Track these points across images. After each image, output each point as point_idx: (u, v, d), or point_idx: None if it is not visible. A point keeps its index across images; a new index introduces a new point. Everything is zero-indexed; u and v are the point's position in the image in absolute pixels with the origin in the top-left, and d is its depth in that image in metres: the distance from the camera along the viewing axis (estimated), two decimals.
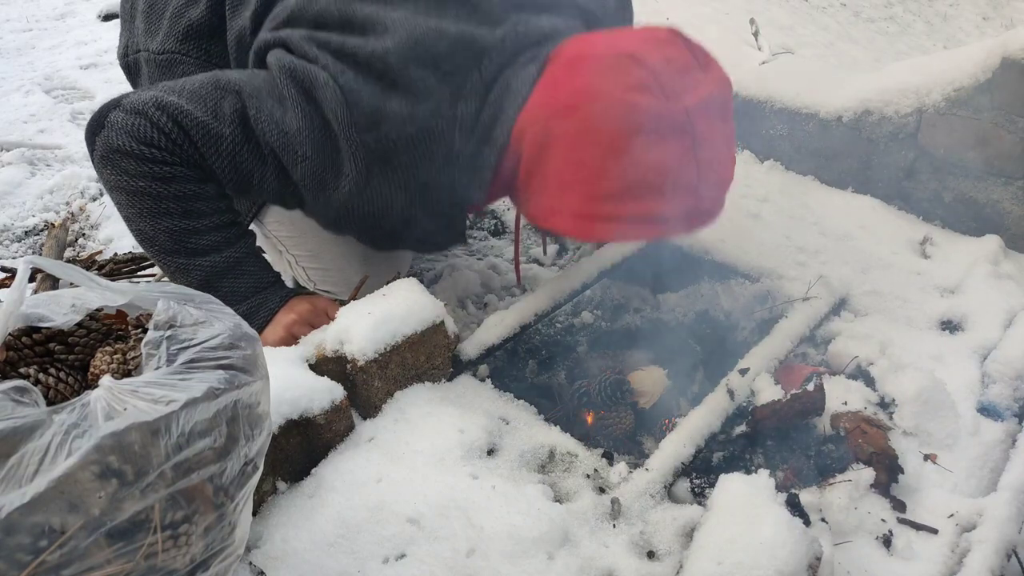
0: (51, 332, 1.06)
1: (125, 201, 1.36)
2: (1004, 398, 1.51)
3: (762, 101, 2.28)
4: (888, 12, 5.49)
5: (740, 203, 2.05)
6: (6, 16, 4.08)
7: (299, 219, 1.60)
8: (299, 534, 1.11)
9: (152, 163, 1.32)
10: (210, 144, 1.33)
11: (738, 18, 4.42)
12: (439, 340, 1.40)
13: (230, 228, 1.43)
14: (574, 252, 2.27)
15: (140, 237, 1.40)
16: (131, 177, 1.32)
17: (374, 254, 1.78)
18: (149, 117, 1.31)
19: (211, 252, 1.39)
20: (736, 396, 1.44)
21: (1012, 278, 1.85)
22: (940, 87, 1.96)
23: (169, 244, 1.37)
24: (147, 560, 0.73)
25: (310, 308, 1.47)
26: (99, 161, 1.36)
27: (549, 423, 1.38)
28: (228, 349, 0.83)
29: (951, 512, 1.28)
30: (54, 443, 0.69)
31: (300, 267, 1.82)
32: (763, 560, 1.00)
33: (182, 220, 1.36)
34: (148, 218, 1.35)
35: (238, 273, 1.43)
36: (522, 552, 1.09)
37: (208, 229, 1.39)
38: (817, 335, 1.67)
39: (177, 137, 1.32)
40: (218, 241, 1.40)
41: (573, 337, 1.84)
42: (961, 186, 2.01)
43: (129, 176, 1.32)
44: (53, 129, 2.98)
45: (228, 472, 0.80)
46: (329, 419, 1.22)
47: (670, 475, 1.27)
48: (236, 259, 1.43)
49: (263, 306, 1.45)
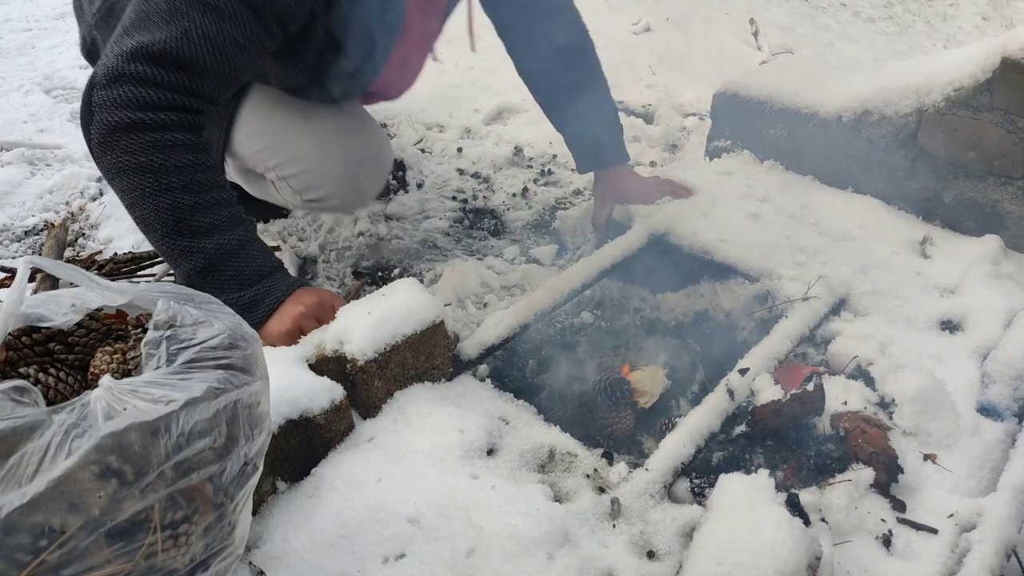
0: (51, 332, 1.06)
1: (127, 185, 1.37)
2: (1004, 398, 1.51)
3: (762, 101, 2.28)
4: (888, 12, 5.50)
5: (740, 203, 2.05)
6: (6, 16, 4.08)
7: (269, 120, 1.68)
8: (299, 534, 1.11)
9: (149, 131, 1.34)
10: (189, 56, 1.36)
11: (738, 18, 4.42)
12: (439, 340, 1.40)
13: (231, 207, 1.44)
14: (574, 252, 2.28)
15: (143, 225, 1.41)
16: (131, 154, 1.35)
17: (347, 136, 1.86)
18: (129, 75, 1.34)
19: (213, 232, 1.40)
20: (736, 396, 1.44)
21: (1012, 278, 1.85)
22: (940, 87, 1.96)
23: (172, 224, 1.38)
24: (147, 560, 0.73)
25: (317, 302, 1.46)
26: (98, 148, 1.37)
27: (549, 423, 1.38)
28: (228, 349, 0.83)
29: (951, 512, 1.28)
30: (54, 443, 0.69)
31: (283, 182, 1.85)
32: (763, 560, 1.00)
33: (183, 195, 1.37)
34: (151, 197, 1.36)
35: (241, 258, 1.43)
36: (522, 552, 1.09)
37: (209, 206, 1.40)
38: (817, 335, 1.67)
39: (161, 77, 1.34)
40: (219, 221, 1.41)
41: (573, 337, 1.84)
42: (961, 186, 2.01)
43: (130, 154, 1.35)
44: (53, 129, 2.98)
45: (228, 472, 0.80)
46: (329, 419, 1.22)
47: (670, 475, 1.27)
48: (239, 242, 1.43)
49: (268, 295, 1.45)
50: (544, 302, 1.64)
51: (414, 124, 3.05)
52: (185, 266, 1.41)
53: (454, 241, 2.41)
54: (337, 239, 2.33)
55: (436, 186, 2.68)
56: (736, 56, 3.98)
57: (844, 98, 2.14)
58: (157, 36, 1.35)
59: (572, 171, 2.77)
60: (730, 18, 4.41)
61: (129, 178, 1.37)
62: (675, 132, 3.14)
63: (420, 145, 2.94)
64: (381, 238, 2.34)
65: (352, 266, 2.24)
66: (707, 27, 4.27)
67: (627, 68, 3.65)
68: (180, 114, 1.38)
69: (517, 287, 2.13)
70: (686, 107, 3.36)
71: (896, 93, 2.05)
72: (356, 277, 2.20)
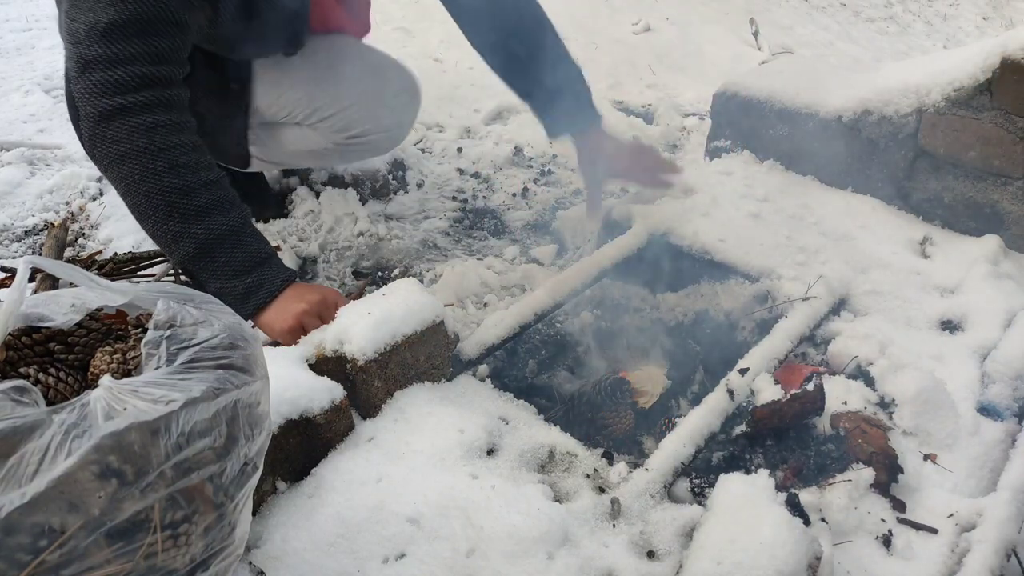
0: (51, 332, 1.06)
1: (119, 174, 1.40)
2: (1004, 398, 1.51)
3: (762, 101, 2.28)
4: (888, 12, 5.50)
5: (740, 203, 2.05)
6: (6, 16, 4.07)
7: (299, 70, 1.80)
8: (299, 534, 1.11)
9: (130, 115, 1.37)
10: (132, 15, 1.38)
11: (738, 18, 4.42)
12: (439, 340, 1.40)
13: (221, 190, 1.45)
14: (574, 252, 2.28)
15: (138, 213, 1.43)
16: (118, 143, 1.38)
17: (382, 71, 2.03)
18: (93, 60, 1.37)
19: (204, 216, 1.41)
20: (736, 396, 1.44)
21: (1012, 278, 1.85)
22: (940, 87, 1.96)
23: (163, 209, 1.39)
24: (147, 560, 0.73)
25: (320, 299, 1.46)
26: (89, 142, 1.41)
27: (549, 423, 1.38)
28: (228, 349, 0.83)
29: (951, 512, 1.28)
30: (54, 443, 0.69)
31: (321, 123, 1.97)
32: (763, 560, 1.00)
33: (170, 178, 1.39)
34: (140, 183, 1.39)
35: (234, 243, 1.44)
36: (522, 552, 1.09)
37: (199, 187, 1.41)
38: (817, 335, 1.67)
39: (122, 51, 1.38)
40: (209, 203, 1.42)
41: (573, 337, 1.84)
42: (961, 186, 2.01)
43: (116, 142, 1.38)
44: (53, 129, 2.98)
45: (228, 472, 0.80)
46: (329, 419, 1.22)
47: (670, 475, 1.27)
48: (230, 228, 1.44)
49: (263, 286, 1.45)
50: (544, 302, 1.64)
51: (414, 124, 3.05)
52: (179, 252, 1.42)
53: (454, 241, 2.41)
54: (337, 239, 2.32)
55: (436, 186, 2.68)
56: (736, 56, 3.98)
57: (844, 98, 2.14)
58: (97, 9, 1.37)
59: (572, 171, 2.77)
60: (730, 18, 4.41)
61: (119, 167, 1.39)
62: (675, 132, 3.14)
63: (420, 145, 2.94)
64: (381, 238, 2.34)
65: (352, 266, 2.24)
66: (707, 27, 4.27)
67: (627, 68, 3.65)
68: (155, 91, 1.40)
69: (517, 287, 2.12)
70: (686, 107, 3.36)
71: (896, 93, 2.05)
72: (357, 277, 2.20)
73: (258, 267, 1.46)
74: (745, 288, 1.82)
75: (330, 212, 2.36)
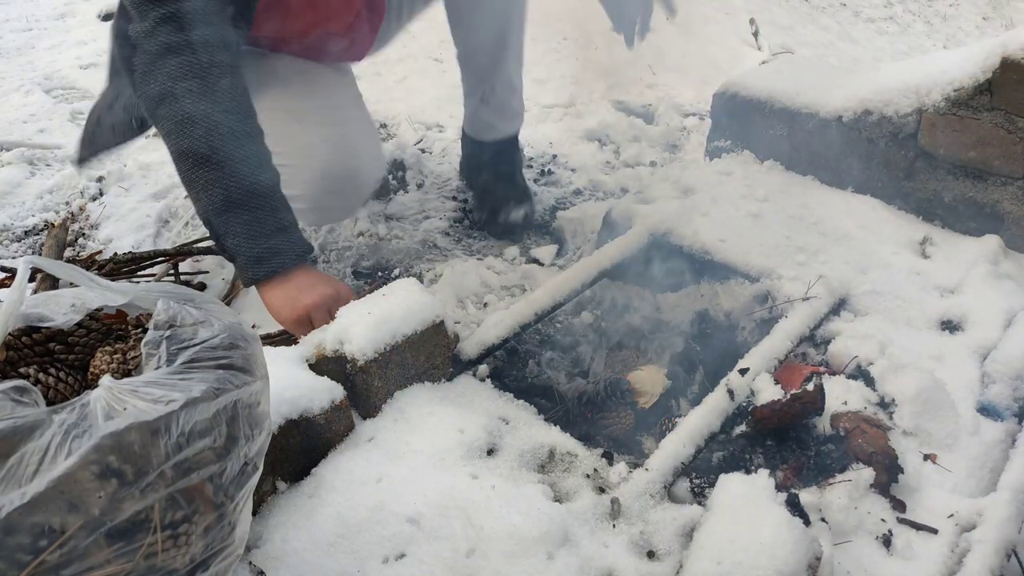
0: (51, 332, 1.06)
1: (168, 112, 1.39)
2: (1004, 398, 1.51)
3: (762, 101, 2.28)
4: (888, 12, 5.50)
5: (740, 203, 2.05)
6: (6, 16, 4.07)
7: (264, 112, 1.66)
8: (299, 534, 1.11)
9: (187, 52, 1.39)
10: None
11: (738, 18, 4.42)
12: (439, 340, 1.40)
13: (262, 144, 1.45)
14: (574, 252, 2.28)
15: (177, 153, 1.41)
16: (173, 80, 1.38)
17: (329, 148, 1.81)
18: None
19: (242, 165, 1.39)
20: (736, 396, 1.44)
21: (1012, 278, 1.85)
22: (940, 87, 1.96)
23: (203, 151, 1.37)
24: (147, 560, 0.73)
25: (334, 294, 1.43)
26: (142, 78, 1.41)
27: (549, 423, 1.38)
28: (228, 349, 0.83)
29: (951, 512, 1.28)
30: (54, 443, 0.69)
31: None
32: (763, 560, 1.00)
33: (220, 116, 1.39)
34: (188, 125, 1.37)
35: (261, 203, 1.41)
36: (522, 552, 1.09)
37: (243, 136, 1.41)
38: (817, 335, 1.67)
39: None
40: (251, 155, 1.41)
41: (573, 337, 1.84)
42: (961, 186, 2.01)
43: (172, 80, 1.38)
44: (53, 129, 2.98)
45: (228, 472, 0.80)
46: (329, 419, 1.22)
47: (670, 475, 1.27)
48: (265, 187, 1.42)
49: (278, 254, 1.42)
50: (544, 302, 1.64)
51: (414, 124, 3.05)
52: (206, 200, 1.39)
53: (454, 241, 2.41)
54: (337, 239, 2.32)
55: (436, 186, 2.68)
56: (736, 56, 3.98)
57: (844, 98, 2.14)
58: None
59: (572, 171, 2.77)
60: (730, 18, 4.41)
61: (170, 105, 1.38)
62: (675, 132, 3.14)
63: (420, 145, 2.94)
64: (381, 238, 2.34)
65: (352, 266, 2.24)
66: (707, 27, 4.27)
67: (627, 68, 3.65)
68: (213, 29, 1.41)
69: (517, 287, 2.12)
70: (686, 107, 3.36)
71: (896, 93, 2.05)
72: (357, 277, 2.20)
73: (279, 233, 1.42)
74: (745, 288, 1.82)
75: None
